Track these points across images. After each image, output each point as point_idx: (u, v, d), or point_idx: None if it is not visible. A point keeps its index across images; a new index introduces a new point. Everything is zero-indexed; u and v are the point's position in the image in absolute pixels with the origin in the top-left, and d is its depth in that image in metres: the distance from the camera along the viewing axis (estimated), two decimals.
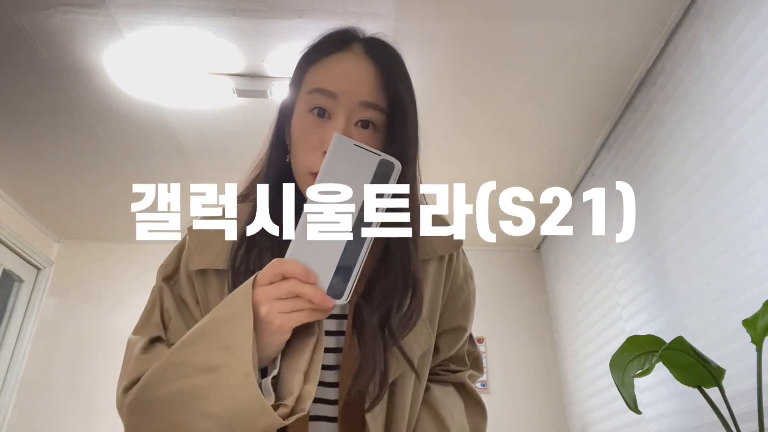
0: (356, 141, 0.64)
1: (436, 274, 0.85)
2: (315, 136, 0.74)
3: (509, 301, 3.50)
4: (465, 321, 0.91)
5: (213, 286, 0.77)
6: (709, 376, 1.22)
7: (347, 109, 0.73)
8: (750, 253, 1.56)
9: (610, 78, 2.19)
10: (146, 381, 0.66)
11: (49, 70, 2.16)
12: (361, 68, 0.76)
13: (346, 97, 0.74)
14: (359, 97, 0.74)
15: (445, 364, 0.92)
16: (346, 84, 0.74)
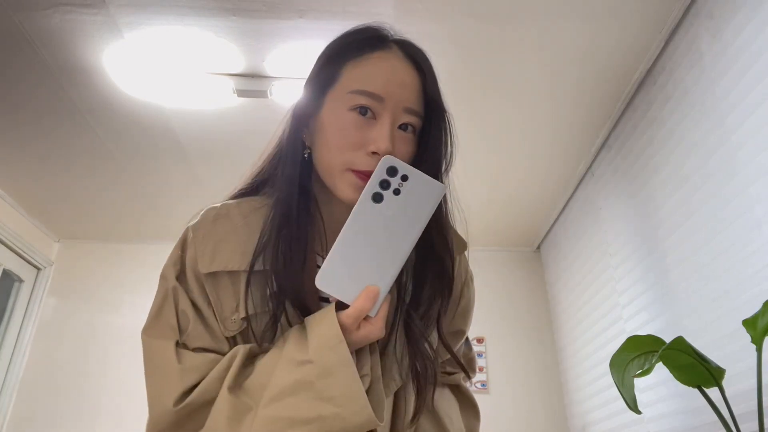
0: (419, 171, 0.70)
1: None
2: (358, 134, 0.74)
3: (509, 301, 3.50)
4: (464, 325, 0.93)
5: (225, 288, 0.75)
6: (709, 376, 1.22)
7: (393, 113, 0.75)
8: (750, 253, 1.57)
9: (610, 78, 2.19)
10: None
11: (49, 70, 2.16)
12: (406, 72, 0.78)
13: (392, 101, 0.75)
14: (404, 103, 0.76)
15: (441, 366, 0.93)
16: (393, 87, 0.76)
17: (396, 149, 0.75)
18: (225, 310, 0.74)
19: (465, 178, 2.68)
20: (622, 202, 2.41)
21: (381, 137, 0.73)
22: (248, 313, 0.74)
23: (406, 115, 0.77)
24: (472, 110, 2.38)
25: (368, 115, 0.75)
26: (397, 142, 0.75)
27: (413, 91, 0.78)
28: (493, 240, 3.54)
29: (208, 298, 0.75)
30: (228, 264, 0.75)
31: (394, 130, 0.75)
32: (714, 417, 1.27)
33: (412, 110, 0.77)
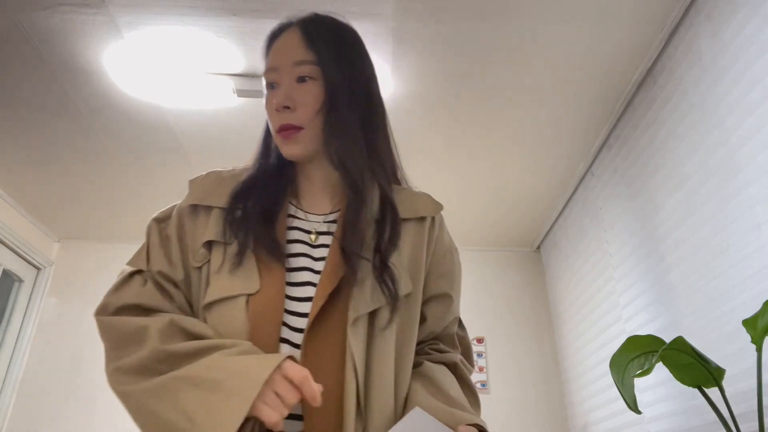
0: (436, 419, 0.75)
1: (416, 235, 0.91)
2: (269, 103, 0.88)
3: (509, 301, 3.50)
4: (450, 289, 0.95)
5: (201, 221, 0.88)
6: (709, 376, 1.22)
7: (286, 74, 0.88)
8: (750, 252, 1.56)
9: (610, 78, 2.19)
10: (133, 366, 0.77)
11: (49, 70, 2.16)
12: (290, 37, 0.90)
13: (283, 64, 0.88)
14: (292, 59, 0.88)
15: (435, 343, 0.95)
16: (281, 54, 0.89)
17: (297, 99, 0.86)
18: (197, 241, 0.86)
19: (465, 178, 2.71)
20: (622, 202, 2.41)
21: (277, 97, 0.87)
22: (210, 238, 0.85)
23: (298, 67, 0.87)
24: (471, 110, 2.38)
25: (274, 87, 0.89)
26: (298, 96, 0.86)
27: (298, 45, 0.88)
28: (493, 240, 3.54)
29: (181, 232, 0.88)
30: (207, 200, 0.88)
31: (290, 87, 0.87)
32: (714, 417, 1.27)
33: (299, 61, 0.87)
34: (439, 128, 2.49)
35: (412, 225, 0.91)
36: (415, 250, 0.90)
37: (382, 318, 0.82)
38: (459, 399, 0.84)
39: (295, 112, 0.86)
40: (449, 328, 0.96)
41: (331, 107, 0.86)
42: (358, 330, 0.79)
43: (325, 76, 0.87)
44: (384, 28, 1.97)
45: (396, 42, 2.02)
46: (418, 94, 2.28)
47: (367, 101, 0.92)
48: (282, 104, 0.86)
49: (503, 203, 3.14)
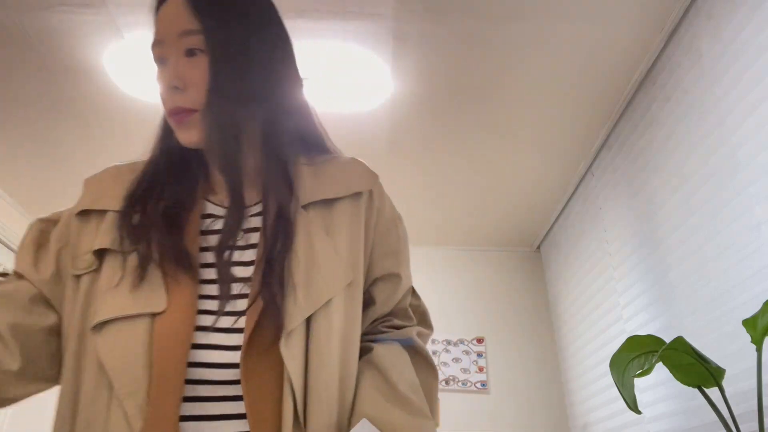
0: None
1: (352, 214, 0.80)
2: (159, 82, 0.77)
3: (509, 301, 3.50)
4: (397, 267, 0.85)
5: (90, 227, 0.76)
6: (709, 376, 1.22)
7: (173, 48, 0.75)
8: (750, 252, 1.56)
9: (610, 78, 2.19)
10: None
11: (49, 70, 2.16)
12: (172, 7, 0.77)
13: (168, 37, 0.76)
14: (176, 31, 0.75)
15: (389, 320, 0.86)
16: (165, 27, 0.76)
17: (187, 78, 0.74)
18: (81, 247, 0.74)
19: (465, 178, 2.72)
20: (622, 202, 2.41)
21: (164, 73, 0.76)
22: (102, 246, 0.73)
23: (184, 39, 0.75)
24: (471, 110, 2.38)
25: (163, 62, 0.77)
26: (187, 73, 0.74)
27: (183, 14, 0.76)
28: (493, 240, 3.55)
29: (64, 239, 0.77)
30: (100, 203, 0.77)
31: (178, 62, 0.75)
32: (714, 417, 1.27)
33: (186, 31, 0.75)
34: (438, 128, 2.49)
35: (346, 204, 0.80)
36: (353, 231, 0.79)
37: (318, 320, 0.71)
38: (408, 396, 0.74)
39: (186, 92, 0.74)
40: (401, 303, 0.88)
41: (216, 84, 0.74)
42: (293, 343, 0.69)
43: (211, 44, 0.74)
44: (384, 28, 1.97)
45: (396, 42, 2.02)
46: (418, 94, 2.28)
47: (267, 73, 0.79)
48: (170, 84, 0.74)
49: (503, 203, 3.14)
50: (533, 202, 3.13)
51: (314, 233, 0.76)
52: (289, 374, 0.67)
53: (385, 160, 2.69)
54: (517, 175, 2.86)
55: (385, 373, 0.76)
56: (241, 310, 0.70)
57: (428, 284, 3.53)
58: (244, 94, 0.76)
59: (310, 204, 0.78)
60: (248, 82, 0.76)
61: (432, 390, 0.83)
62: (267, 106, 0.78)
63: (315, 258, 0.74)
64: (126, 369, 0.65)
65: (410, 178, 2.85)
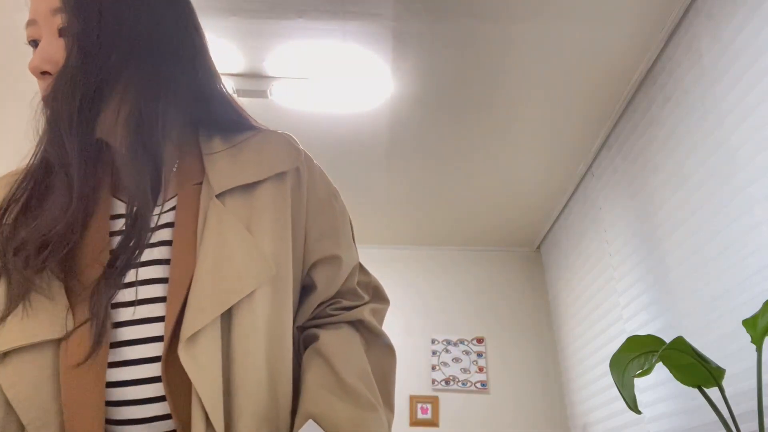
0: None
1: (276, 196, 0.72)
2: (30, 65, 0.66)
3: (509, 301, 3.50)
4: (337, 248, 0.77)
5: None
6: (709, 376, 1.22)
7: (46, 28, 0.65)
8: (749, 252, 1.57)
9: (610, 78, 2.19)
10: None
11: None
12: None
13: (40, 15, 0.66)
14: (48, 6, 0.65)
15: (337, 302, 0.78)
16: (38, 3, 0.66)
17: (57, 63, 0.64)
18: None
19: (465, 178, 2.72)
20: (622, 202, 2.42)
21: (35, 56, 0.65)
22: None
23: (54, 17, 0.65)
24: (471, 110, 2.38)
25: (36, 44, 0.67)
26: (57, 54, 0.64)
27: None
28: (493, 240, 3.55)
29: None
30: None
31: (49, 44, 0.65)
32: (714, 417, 1.27)
33: (55, 9, 0.64)
34: (438, 128, 2.49)
35: (269, 187, 0.72)
36: (278, 216, 0.71)
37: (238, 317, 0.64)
38: (357, 389, 0.69)
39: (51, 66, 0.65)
40: (348, 283, 0.79)
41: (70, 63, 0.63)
42: (201, 348, 0.61)
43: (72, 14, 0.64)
44: (384, 28, 1.97)
45: (396, 42, 2.02)
46: (418, 95, 2.28)
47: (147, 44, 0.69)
48: (38, 69, 0.64)
49: (503, 203, 3.14)
50: (533, 202, 3.13)
51: (228, 226, 0.67)
52: (194, 383, 0.60)
53: (385, 159, 2.69)
54: (517, 175, 2.86)
55: (330, 363, 0.70)
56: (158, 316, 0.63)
57: (428, 284, 3.55)
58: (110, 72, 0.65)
59: (227, 192, 0.69)
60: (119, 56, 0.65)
61: (387, 371, 0.77)
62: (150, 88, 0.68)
63: (228, 253, 0.66)
64: (32, 401, 0.59)
65: (410, 178, 2.85)
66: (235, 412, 0.63)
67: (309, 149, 0.83)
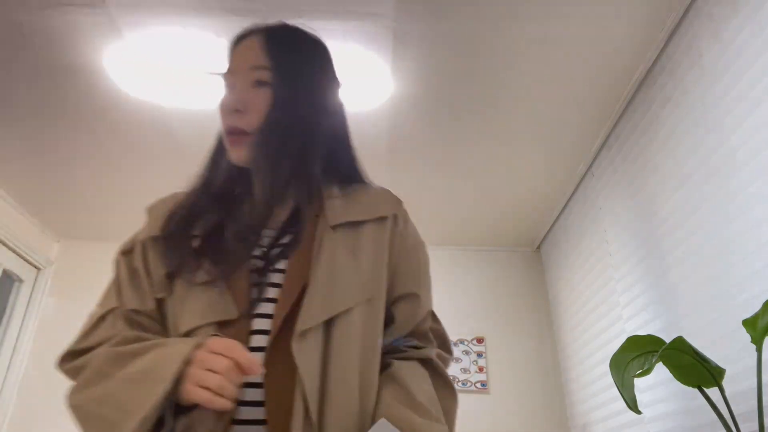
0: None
1: (376, 236, 0.89)
2: (221, 104, 0.88)
3: (509, 301, 3.50)
4: (417, 288, 0.92)
5: (157, 250, 0.85)
6: (709, 376, 1.22)
7: (243, 77, 0.88)
8: (750, 252, 1.56)
9: (610, 78, 2.19)
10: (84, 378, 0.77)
11: (49, 70, 2.16)
12: (251, 42, 0.90)
13: (239, 67, 0.89)
14: (248, 64, 0.88)
15: (409, 340, 0.92)
16: (238, 58, 0.90)
17: (250, 104, 0.85)
18: (157, 272, 0.84)
19: (465, 178, 2.72)
20: (622, 202, 2.41)
21: (230, 97, 0.87)
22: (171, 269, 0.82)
23: (254, 72, 0.87)
24: (471, 110, 2.38)
25: (230, 88, 0.89)
26: (252, 98, 0.86)
27: (256, 51, 0.88)
28: (493, 240, 3.55)
29: (146, 263, 0.86)
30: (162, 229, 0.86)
31: (246, 89, 0.87)
32: (714, 417, 1.27)
33: (257, 66, 0.87)
34: (438, 128, 2.49)
35: (371, 227, 0.89)
36: (376, 252, 0.87)
37: (338, 328, 0.79)
38: (426, 405, 0.80)
39: (245, 116, 0.85)
40: (421, 325, 0.93)
41: (274, 113, 0.85)
42: (308, 344, 0.76)
43: (278, 80, 0.86)
44: (384, 28, 1.97)
45: (396, 42, 2.02)
46: (417, 94, 2.27)
47: (318, 109, 0.90)
48: (233, 107, 0.85)
49: (503, 203, 3.14)
50: (533, 202, 3.13)
51: (339, 251, 0.84)
52: (299, 370, 0.73)
53: (385, 160, 2.69)
54: (517, 175, 2.86)
55: (404, 384, 0.81)
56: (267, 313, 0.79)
57: None
58: (296, 125, 0.86)
59: (339, 225, 0.86)
60: (301, 114, 0.87)
61: (450, 410, 0.88)
62: (314, 137, 0.89)
63: (337, 273, 0.81)
64: None
65: (410, 177, 2.85)
66: (327, 407, 0.75)
67: None
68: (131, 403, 0.68)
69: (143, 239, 0.88)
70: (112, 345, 0.77)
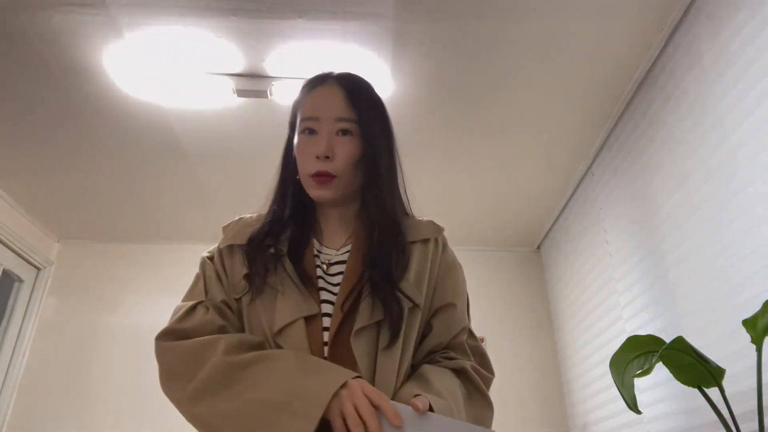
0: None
1: (421, 255, 1.03)
2: (308, 149, 1.00)
3: (509, 301, 3.50)
4: (454, 298, 1.04)
5: (237, 258, 1.00)
6: (709, 376, 1.22)
7: (328, 125, 1.00)
8: (750, 252, 1.57)
9: (610, 78, 2.19)
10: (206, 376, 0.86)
11: (49, 70, 2.16)
12: (334, 94, 1.03)
13: (325, 116, 1.01)
14: (335, 115, 1.01)
15: (446, 352, 1.02)
16: (324, 107, 1.01)
17: (337, 151, 0.99)
18: (236, 275, 0.99)
19: (465, 178, 2.71)
20: (622, 202, 2.42)
21: (319, 144, 0.99)
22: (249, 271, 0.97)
23: (340, 122, 1.00)
24: (471, 110, 2.38)
25: (312, 133, 1.01)
26: (338, 146, 0.99)
27: (342, 103, 1.01)
28: (493, 240, 3.54)
29: (223, 269, 1.01)
30: (240, 240, 1.01)
31: (331, 137, 0.99)
32: (714, 417, 1.27)
33: (343, 118, 1.00)
34: (438, 128, 2.49)
35: (417, 246, 1.04)
36: (420, 267, 1.01)
37: (383, 335, 0.92)
38: (438, 389, 0.89)
39: (333, 161, 0.98)
40: (458, 338, 1.03)
41: (369, 160, 1.01)
42: (362, 341, 0.90)
43: (364, 133, 1.01)
44: (384, 28, 1.97)
45: (396, 42, 2.02)
46: (417, 94, 2.27)
47: (391, 153, 1.08)
48: (324, 153, 0.98)
49: (503, 203, 3.14)
50: (533, 202, 3.13)
51: None
52: (357, 359, 0.88)
53: None
54: (517, 175, 2.86)
55: (426, 377, 0.92)
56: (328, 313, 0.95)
57: None
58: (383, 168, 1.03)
59: None
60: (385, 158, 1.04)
61: (483, 418, 0.97)
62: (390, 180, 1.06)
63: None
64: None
65: (409, 177, 2.85)
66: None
67: None
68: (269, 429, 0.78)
69: (220, 248, 1.04)
70: (223, 352, 0.86)
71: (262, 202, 1.10)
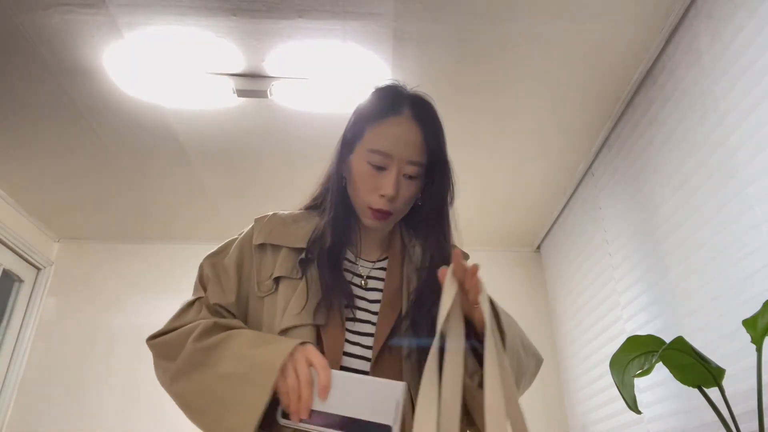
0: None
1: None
2: (372, 182, 1.01)
3: (509, 301, 3.44)
4: None
5: (267, 257, 1.01)
6: (709, 376, 1.22)
7: (398, 166, 1.00)
8: (749, 252, 1.56)
9: (610, 78, 2.19)
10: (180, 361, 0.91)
11: (49, 70, 2.16)
12: (411, 132, 1.02)
13: (398, 156, 1.00)
14: (408, 158, 1.00)
15: None
16: (399, 146, 1.00)
17: (401, 193, 1.00)
18: (263, 274, 1.00)
19: (465, 178, 2.71)
20: (622, 202, 2.41)
21: (388, 185, 0.99)
22: (280, 274, 0.98)
23: (410, 166, 1.01)
24: (471, 110, 2.38)
25: (380, 167, 1.00)
26: (402, 188, 1.00)
27: (416, 147, 1.01)
28: (494, 240, 3.54)
29: (241, 263, 1.02)
30: (275, 239, 1.02)
31: (399, 178, 1.00)
32: (714, 417, 1.27)
33: (414, 162, 1.01)
34: None
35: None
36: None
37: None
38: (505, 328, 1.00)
39: (395, 202, 1.00)
40: None
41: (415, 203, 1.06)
42: (412, 362, 0.94)
43: (428, 178, 1.04)
44: (384, 27, 1.97)
45: (396, 42, 2.02)
46: None
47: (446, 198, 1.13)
48: (389, 194, 0.99)
49: (503, 203, 3.14)
50: (533, 202, 3.13)
51: None
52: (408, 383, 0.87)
53: None
54: (517, 175, 2.86)
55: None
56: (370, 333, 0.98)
57: None
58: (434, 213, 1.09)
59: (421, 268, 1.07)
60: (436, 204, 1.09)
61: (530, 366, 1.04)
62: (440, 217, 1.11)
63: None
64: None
65: None
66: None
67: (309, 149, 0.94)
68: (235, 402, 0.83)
69: (244, 242, 1.04)
70: (194, 339, 0.90)
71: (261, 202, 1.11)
